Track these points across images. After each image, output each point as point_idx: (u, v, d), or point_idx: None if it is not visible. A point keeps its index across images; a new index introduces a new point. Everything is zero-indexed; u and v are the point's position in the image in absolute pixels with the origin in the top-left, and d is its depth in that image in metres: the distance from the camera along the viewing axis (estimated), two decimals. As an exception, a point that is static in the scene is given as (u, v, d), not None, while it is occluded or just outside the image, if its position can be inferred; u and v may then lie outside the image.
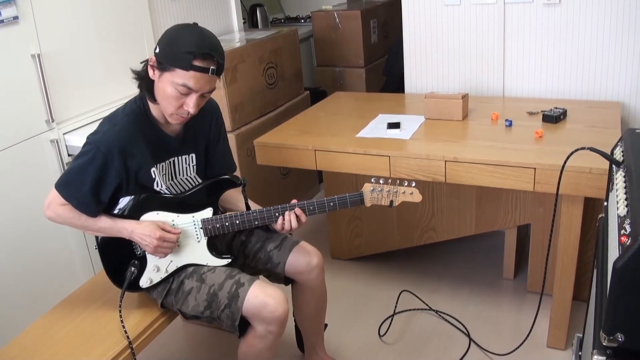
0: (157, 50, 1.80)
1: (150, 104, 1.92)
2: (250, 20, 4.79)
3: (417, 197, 2.03)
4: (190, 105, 1.82)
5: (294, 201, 2.04)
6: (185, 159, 2.03)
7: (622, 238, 1.25)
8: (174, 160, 2.00)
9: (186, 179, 2.05)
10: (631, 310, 1.20)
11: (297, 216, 2.02)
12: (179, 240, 1.99)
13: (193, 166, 2.06)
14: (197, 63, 1.76)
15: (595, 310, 1.45)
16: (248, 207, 2.11)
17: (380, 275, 3.17)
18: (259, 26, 4.75)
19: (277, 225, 2.04)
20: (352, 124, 2.82)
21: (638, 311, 1.20)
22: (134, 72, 1.91)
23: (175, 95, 1.81)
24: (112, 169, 1.84)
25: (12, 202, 2.51)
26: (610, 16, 2.76)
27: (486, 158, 2.27)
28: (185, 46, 1.75)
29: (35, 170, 2.61)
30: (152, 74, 1.83)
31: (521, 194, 2.73)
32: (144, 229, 1.91)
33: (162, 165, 1.96)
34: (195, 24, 1.83)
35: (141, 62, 1.90)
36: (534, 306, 2.77)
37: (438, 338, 2.65)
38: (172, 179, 2.02)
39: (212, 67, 1.79)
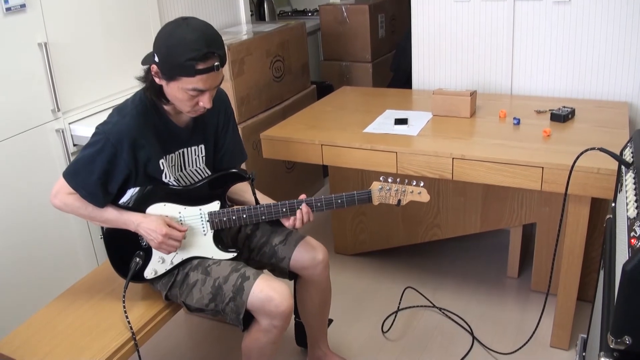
0: (157, 60, 1.77)
1: None
2: (257, 12, 4.77)
3: (425, 197, 2.02)
4: (206, 101, 1.83)
5: (303, 196, 2.04)
6: (195, 150, 2.03)
7: (633, 240, 1.24)
8: (183, 152, 1.99)
9: (195, 170, 2.05)
10: (640, 313, 1.19)
11: (306, 214, 2.02)
12: (185, 236, 1.98)
13: (202, 157, 2.05)
14: (200, 67, 1.74)
15: (603, 312, 1.44)
16: (257, 202, 2.11)
17: (385, 271, 3.16)
18: (266, 19, 4.74)
19: (287, 222, 2.04)
20: (359, 119, 2.81)
21: (647, 314, 1.19)
22: (139, 79, 1.90)
23: (188, 98, 1.81)
24: (121, 161, 1.83)
25: (16, 191, 2.51)
26: (620, 16, 2.74)
27: (494, 156, 2.26)
28: (184, 53, 1.72)
29: (40, 159, 2.60)
30: (159, 80, 1.82)
31: (527, 193, 2.71)
32: (150, 223, 1.90)
33: (171, 157, 1.96)
34: (184, 19, 1.77)
35: (143, 64, 1.88)
36: (538, 305, 2.77)
37: (441, 335, 2.65)
38: (182, 170, 2.01)
39: (215, 64, 1.77)
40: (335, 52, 4.40)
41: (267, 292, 1.89)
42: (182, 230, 1.96)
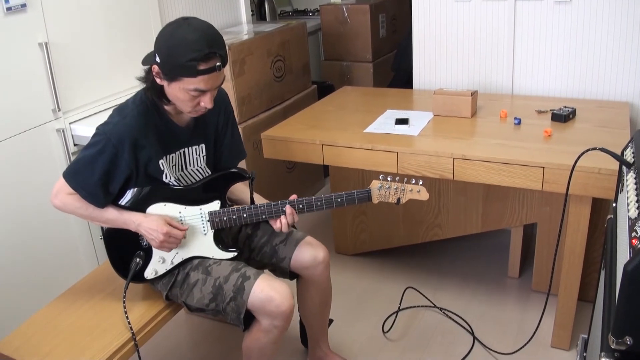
0: (158, 60, 1.77)
1: None
2: (258, 12, 4.77)
3: (424, 195, 2.02)
4: (207, 101, 1.83)
5: (294, 197, 2.04)
6: (196, 149, 2.03)
7: (634, 241, 1.24)
8: (184, 151, 1.99)
9: (197, 169, 2.05)
10: (641, 313, 1.19)
11: (289, 216, 2.02)
12: (185, 235, 1.98)
13: (203, 157, 2.05)
14: (202, 67, 1.74)
15: (604, 312, 1.44)
16: (253, 201, 2.11)
17: (385, 271, 3.16)
18: (267, 19, 4.74)
19: (274, 225, 2.05)
20: (359, 119, 2.81)
21: (648, 314, 1.19)
22: (140, 80, 1.89)
23: (189, 98, 1.80)
24: (121, 161, 1.83)
25: (16, 191, 2.51)
26: (621, 16, 2.74)
27: (495, 156, 2.26)
28: (186, 53, 1.71)
29: (41, 159, 2.60)
30: (160, 81, 1.82)
31: (528, 193, 2.71)
32: (151, 222, 1.90)
33: (172, 157, 1.96)
34: (185, 20, 1.77)
35: (143, 64, 1.88)
36: (538, 305, 2.77)
37: (442, 335, 2.64)
38: (183, 170, 2.01)
39: (217, 64, 1.76)
40: (336, 52, 4.40)
41: (268, 292, 1.89)
42: (183, 229, 1.96)
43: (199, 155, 2.04)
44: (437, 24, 3.18)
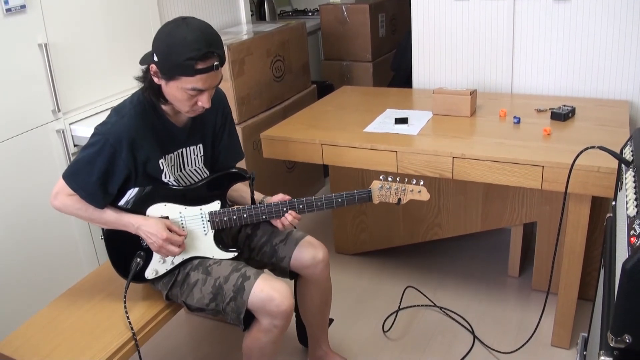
0: (156, 59, 1.78)
1: None
2: (257, 12, 4.77)
3: (425, 195, 2.02)
4: (205, 101, 1.83)
5: (287, 197, 2.06)
6: (194, 149, 2.03)
7: (632, 239, 1.24)
8: (182, 152, 2.00)
9: (195, 170, 2.05)
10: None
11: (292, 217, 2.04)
12: (184, 240, 1.99)
13: (201, 157, 2.06)
14: (200, 66, 1.74)
15: (603, 310, 1.44)
16: (253, 201, 2.11)
17: (385, 270, 3.16)
18: (267, 19, 4.74)
19: (278, 225, 2.06)
20: (359, 118, 2.81)
21: (647, 312, 1.19)
22: (138, 79, 1.90)
23: (187, 97, 1.81)
24: (120, 161, 1.83)
25: (17, 192, 2.51)
26: (620, 14, 2.74)
27: (494, 155, 2.26)
28: (184, 52, 1.72)
29: (41, 160, 2.60)
30: (157, 80, 1.82)
31: (528, 192, 2.71)
32: (151, 227, 1.91)
33: (171, 157, 1.96)
34: (184, 19, 1.77)
35: (141, 64, 1.88)
36: (539, 304, 2.77)
37: (442, 335, 2.65)
38: (181, 170, 2.01)
39: (215, 63, 1.77)
40: (335, 52, 4.40)
41: (268, 291, 1.89)
42: (183, 234, 1.96)
43: (197, 155, 2.04)
44: (437, 23, 3.19)
